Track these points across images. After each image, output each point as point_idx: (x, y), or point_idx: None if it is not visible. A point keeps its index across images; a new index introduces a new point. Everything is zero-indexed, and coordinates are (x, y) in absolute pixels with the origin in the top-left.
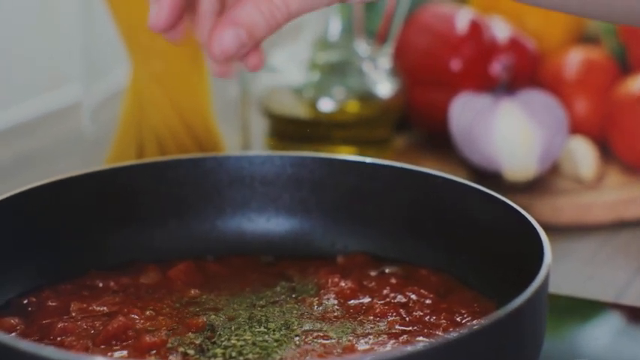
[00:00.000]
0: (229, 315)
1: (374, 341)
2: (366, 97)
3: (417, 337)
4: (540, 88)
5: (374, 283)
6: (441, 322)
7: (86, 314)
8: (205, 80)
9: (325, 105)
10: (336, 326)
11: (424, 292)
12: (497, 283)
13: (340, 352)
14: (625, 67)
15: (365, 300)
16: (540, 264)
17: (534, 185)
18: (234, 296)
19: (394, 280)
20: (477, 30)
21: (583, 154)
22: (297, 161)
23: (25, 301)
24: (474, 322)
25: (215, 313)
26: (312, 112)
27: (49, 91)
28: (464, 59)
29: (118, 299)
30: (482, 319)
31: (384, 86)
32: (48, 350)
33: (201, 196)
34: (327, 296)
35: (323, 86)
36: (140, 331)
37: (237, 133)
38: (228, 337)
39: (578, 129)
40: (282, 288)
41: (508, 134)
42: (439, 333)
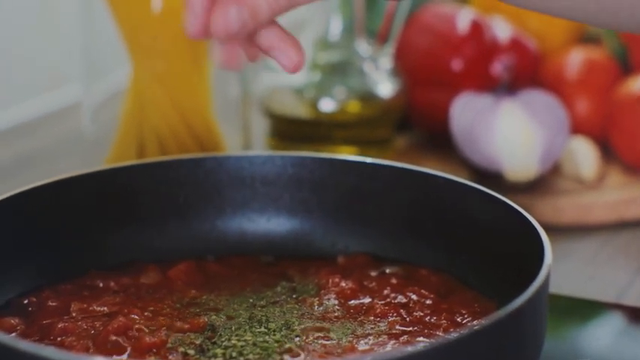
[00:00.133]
0: (230, 315)
1: (374, 341)
2: (367, 97)
3: (418, 338)
4: (541, 88)
5: (374, 283)
6: (442, 322)
7: (86, 314)
8: (206, 80)
9: (326, 105)
10: (337, 326)
11: (425, 292)
12: (497, 283)
13: (340, 352)
14: (626, 67)
15: (365, 300)
16: (541, 264)
17: (535, 185)
18: (234, 296)
19: (395, 281)
20: (478, 30)
21: (584, 154)
22: (297, 161)
23: (26, 301)
24: (474, 322)
25: (215, 313)
26: (313, 112)
27: (49, 91)
28: (465, 59)
29: (118, 299)
30: (483, 319)
31: (384, 86)
32: (48, 350)
33: (202, 196)
34: (327, 296)
35: (324, 86)
36: (140, 331)
37: (238, 133)
38: (228, 338)
39: (579, 129)
40: (283, 288)
41: (509, 134)
42: (439, 333)
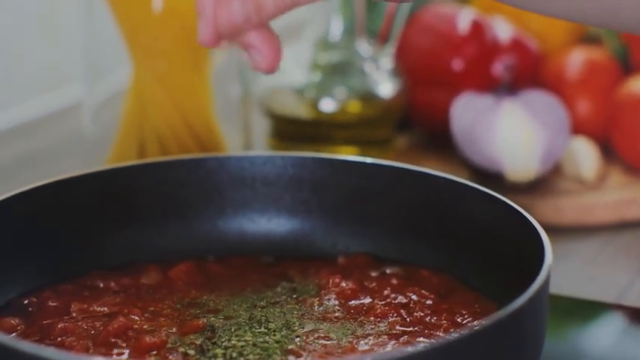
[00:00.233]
0: (230, 315)
1: (374, 342)
2: (368, 97)
3: (418, 338)
4: (542, 88)
5: (375, 283)
6: (442, 322)
7: (87, 315)
8: (207, 80)
9: (327, 105)
10: (337, 327)
11: (425, 292)
12: (498, 283)
13: (341, 352)
14: (627, 67)
15: (366, 301)
16: (541, 265)
17: (536, 186)
18: (234, 297)
19: (395, 281)
20: (478, 30)
21: (585, 154)
22: (298, 161)
23: (26, 302)
24: (474, 322)
25: (215, 313)
26: (313, 113)
27: (50, 92)
28: (466, 59)
29: (118, 299)
30: (483, 319)
31: (385, 86)
32: (48, 351)
33: (203, 197)
34: (327, 297)
35: (324, 86)
36: (140, 332)
37: (238, 133)
38: (228, 338)
39: (580, 129)
40: (283, 288)
41: (510, 135)
42: (440, 334)
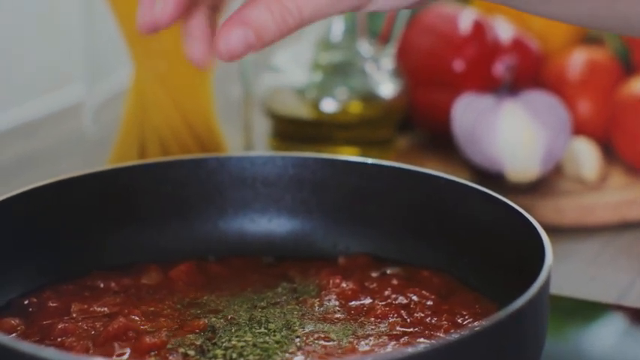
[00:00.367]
0: (230, 316)
1: (375, 342)
2: (369, 97)
3: (418, 339)
4: (543, 88)
5: (375, 284)
6: (442, 323)
7: (87, 315)
8: (208, 81)
9: (328, 105)
10: (337, 327)
11: (425, 293)
12: (498, 284)
13: (341, 353)
14: (628, 67)
15: (366, 301)
16: (542, 265)
17: (537, 186)
18: (235, 297)
19: (395, 282)
20: (480, 30)
21: (586, 155)
22: (299, 162)
23: (26, 302)
24: (475, 323)
25: (216, 314)
26: (314, 113)
27: (51, 92)
28: (467, 60)
29: (119, 300)
30: (484, 320)
31: (386, 87)
32: (48, 351)
33: (203, 197)
34: (328, 297)
35: (325, 87)
36: (140, 332)
37: (239, 133)
38: (228, 338)
39: (581, 130)
40: (284, 289)
41: (511, 135)
42: (440, 334)
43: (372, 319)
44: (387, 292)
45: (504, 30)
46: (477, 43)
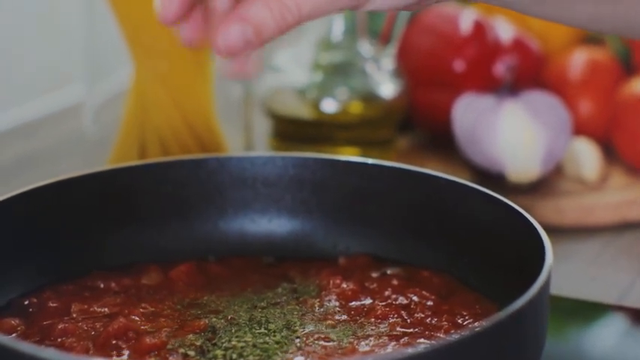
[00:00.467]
0: (230, 316)
1: (375, 343)
2: (369, 97)
3: (419, 339)
4: (544, 89)
5: (375, 284)
6: (443, 323)
7: (87, 315)
8: (208, 81)
9: (328, 106)
10: (338, 328)
11: (426, 293)
12: (499, 284)
13: (341, 353)
14: (629, 68)
15: (366, 302)
16: (542, 265)
17: (537, 186)
18: (235, 297)
19: (396, 282)
20: (480, 30)
21: (586, 155)
22: (299, 162)
23: (26, 302)
24: (475, 324)
25: (216, 314)
26: (315, 113)
27: (51, 92)
28: (467, 60)
29: (119, 300)
30: (484, 320)
31: (387, 87)
32: (48, 352)
33: (203, 197)
34: (328, 298)
35: (326, 87)
36: (141, 333)
37: (240, 133)
38: (228, 339)
39: (581, 130)
40: (284, 289)
41: (511, 135)
42: (440, 335)
43: (373, 319)
44: (387, 293)
45: (505, 30)
46: (477, 43)
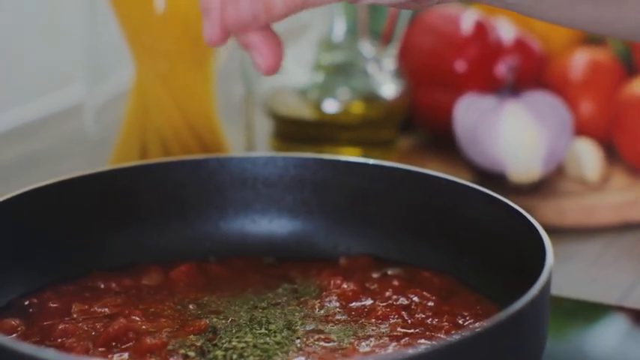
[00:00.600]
0: (231, 317)
1: (375, 344)
2: (371, 98)
3: (419, 340)
4: (545, 89)
5: (376, 285)
6: (443, 324)
7: (87, 316)
8: (209, 81)
9: (330, 106)
10: (338, 328)
11: (426, 294)
12: (499, 285)
13: (341, 354)
14: (630, 68)
15: (367, 302)
16: (542, 266)
17: (539, 187)
18: (235, 298)
19: (396, 283)
20: (482, 31)
21: (588, 155)
22: (300, 162)
23: (27, 302)
24: (476, 324)
25: (216, 314)
26: (316, 113)
27: (52, 92)
28: (469, 60)
29: (119, 300)
30: (485, 321)
31: (388, 87)
32: (48, 352)
33: (204, 197)
34: (329, 298)
35: (327, 87)
36: (141, 333)
37: (241, 133)
38: (229, 339)
39: (583, 130)
40: (284, 290)
41: (513, 136)
42: (441, 335)
43: (373, 320)
44: (387, 293)
45: (506, 30)
46: (479, 43)
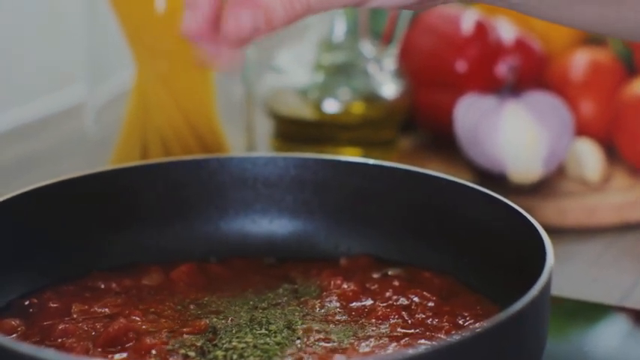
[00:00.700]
0: (231, 317)
1: (375, 344)
2: (371, 98)
3: (419, 340)
4: (546, 89)
5: (377, 285)
6: (444, 324)
7: (87, 316)
8: (210, 81)
9: (330, 106)
10: (338, 329)
11: (427, 294)
12: (500, 285)
13: (342, 354)
14: (631, 68)
15: (367, 302)
16: (543, 266)
17: (539, 187)
18: (236, 298)
19: (397, 283)
20: (482, 31)
21: (589, 156)
22: (300, 163)
23: (27, 303)
24: (476, 324)
25: (217, 315)
26: (316, 114)
27: (53, 92)
28: (469, 60)
29: (119, 301)
30: (485, 321)
31: (389, 87)
32: (48, 352)
33: (205, 198)
34: (329, 298)
35: (328, 87)
36: (141, 333)
37: (241, 134)
38: (229, 340)
39: (583, 131)
40: (285, 290)
41: (513, 136)
42: (441, 336)
43: (373, 320)
44: (388, 294)
45: (507, 31)
46: (479, 43)
